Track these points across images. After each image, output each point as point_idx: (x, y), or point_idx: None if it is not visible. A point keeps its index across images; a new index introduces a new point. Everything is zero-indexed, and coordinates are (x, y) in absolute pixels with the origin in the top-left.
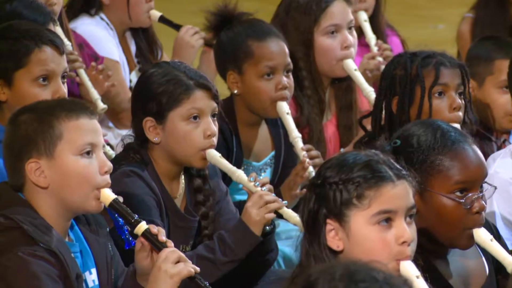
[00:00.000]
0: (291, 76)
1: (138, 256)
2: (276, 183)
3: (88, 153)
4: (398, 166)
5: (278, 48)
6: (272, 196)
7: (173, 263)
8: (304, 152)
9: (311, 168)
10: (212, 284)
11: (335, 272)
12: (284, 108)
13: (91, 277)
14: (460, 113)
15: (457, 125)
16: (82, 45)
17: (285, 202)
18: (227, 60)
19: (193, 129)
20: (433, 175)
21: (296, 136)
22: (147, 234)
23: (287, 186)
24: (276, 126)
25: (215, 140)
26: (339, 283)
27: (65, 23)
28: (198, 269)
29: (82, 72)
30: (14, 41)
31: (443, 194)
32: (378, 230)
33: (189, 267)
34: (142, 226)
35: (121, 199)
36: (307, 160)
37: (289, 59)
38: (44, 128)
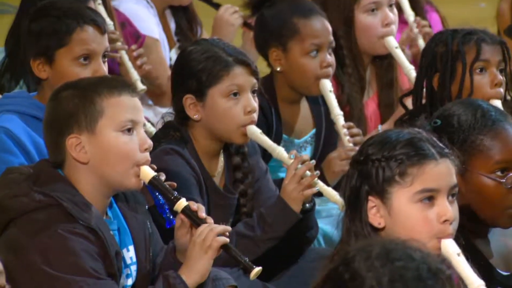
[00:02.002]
0: (333, 54)
1: (178, 233)
2: (317, 161)
3: (129, 130)
4: (441, 145)
5: (323, 26)
6: (304, 168)
7: (205, 237)
8: (345, 130)
9: (351, 146)
10: (251, 262)
11: (372, 251)
12: (327, 86)
13: (129, 254)
14: (501, 90)
15: (498, 102)
16: (124, 23)
17: (317, 172)
18: (270, 37)
19: (233, 106)
20: (473, 155)
21: (338, 113)
22: (186, 211)
23: (328, 164)
24: (317, 103)
25: (255, 116)
26: (376, 261)
27: (108, 2)
28: (228, 229)
29: (123, 52)
30: (57, 19)
31: (484, 174)
32: (420, 208)
33: (220, 238)
34: (182, 203)
35: (163, 176)
36: (348, 137)
37: (332, 37)
38: (85, 104)
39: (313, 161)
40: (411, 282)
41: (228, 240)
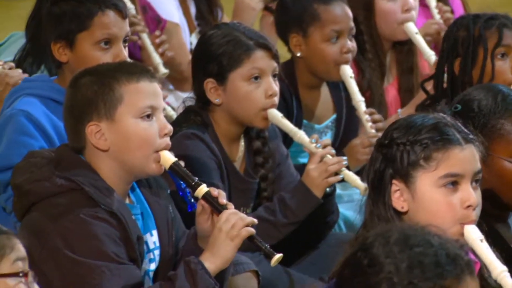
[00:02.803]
0: (353, 40)
1: (198, 219)
2: (338, 146)
3: (148, 116)
4: (466, 130)
5: (343, 12)
6: (333, 158)
7: (233, 225)
8: (367, 116)
9: (374, 132)
10: (272, 246)
11: (391, 236)
12: (348, 72)
13: (152, 238)
14: None
15: None
16: (145, 7)
17: (344, 158)
18: (290, 22)
19: (255, 89)
20: (494, 139)
21: (359, 99)
22: (207, 196)
23: (350, 152)
24: (338, 88)
25: (276, 99)
26: (394, 247)
27: None
28: (255, 222)
29: (144, 36)
30: (78, 3)
31: (505, 158)
32: (444, 193)
33: (250, 228)
34: (203, 188)
35: (182, 163)
36: (370, 124)
37: (353, 23)
38: (104, 91)
39: (334, 151)
40: (430, 268)
41: (254, 231)
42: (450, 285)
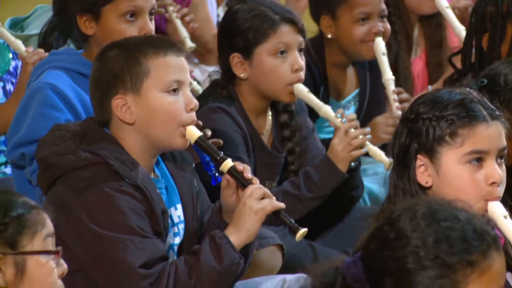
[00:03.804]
0: (386, 21)
1: (223, 193)
2: (362, 121)
3: (174, 90)
4: (492, 107)
5: None
6: (356, 131)
7: (258, 199)
8: (395, 96)
9: (399, 113)
10: (297, 221)
11: (418, 210)
12: (381, 48)
13: (177, 212)
14: None
15: None
16: None
17: (368, 130)
18: (321, 5)
19: (280, 64)
20: None
21: (389, 78)
22: (232, 171)
23: (373, 129)
24: (362, 62)
25: (302, 74)
26: (421, 221)
27: None
28: (283, 205)
29: (171, 9)
30: None
31: None
32: (468, 169)
33: (274, 203)
34: (228, 163)
35: (209, 132)
36: (397, 104)
37: (383, 5)
38: (131, 65)
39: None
40: (456, 243)
41: (283, 205)
42: (476, 260)
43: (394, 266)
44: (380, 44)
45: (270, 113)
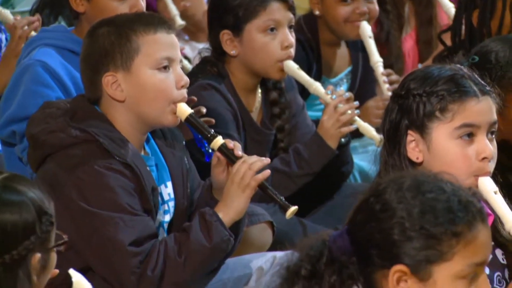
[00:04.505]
0: (374, 1)
1: (214, 171)
2: (354, 99)
3: (165, 67)
4: (482, 82)
5: None
6: (344, 106)
7: (244, 176)
8: (384, 78)
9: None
10: (287, 198)
11: (403, 182)
12: (367, 31)
13: (167, 190)
14: None
15: None
16: None
17: (356, 103)
18: None
19: (271, 41)
20: (511, 91)
21: (377, 60)
22: (223, 148)
23: (365, 112)
24: (355, 42)
25: (292, 51)
26: (407, 193)
27: None
28: (267, 173)
29: None
30: None
31: None
32: (459, 144)
33: (257, 177)
34: (219, 140)
35: (204, 109)
36: (387, 86)
37: None
38: (121, 42)
39: (350, 94)
40: (442, 214)
41: (267, 174)
42: (462, 231)
43: (380, 238)
44: (365, 28)
45: (259, 90)
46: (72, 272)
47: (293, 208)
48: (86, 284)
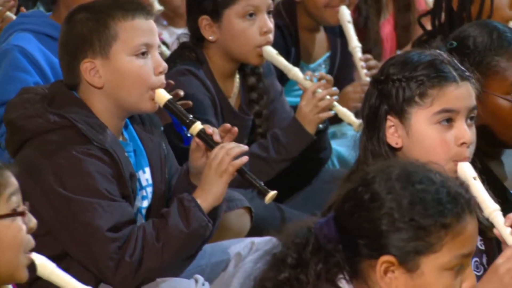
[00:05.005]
0: None
1: (192, 156)
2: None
3: (143, 53)
4: (462, 67)
5: None
6: (322, 92)
7: (222, 161)
8: (363, 63)
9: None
10: (265, 184)
11: (392, 172)
12: (346, 16)
13: (145, 176)
14: None
15: None
16: None
17: (335, 89)
18: None
19: (249, 26)
20: (489, 76)
21: (356, 45)
22: (202, 134)
23: (343, 98)
24: (333, 28)
25: (271, 36)
26: (396, 183)
27: None
28: (245, 159)
29: None
30: None
31: (500, 95)
32: (438, 129)
33: (234, 162)
34: (197, 126)
35: (181, 92)
36: (366, 71)
37: None
38: (99, 28)
39: (330, 76)
40: (431, 205)
41: (245, 160)
42: (451, 223)
43: (368, 228)
44: (345, 13)
45: (237, 76)
46: (34, 255)
47: (272, 193)
48: (50, 264)
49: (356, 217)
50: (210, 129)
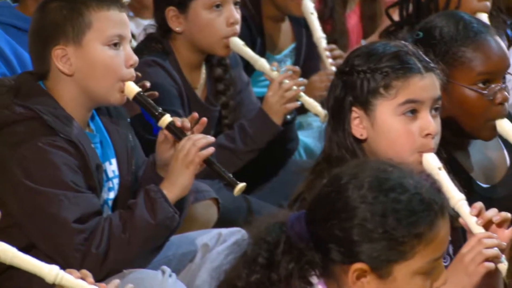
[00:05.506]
0: None
1: (160, 148)
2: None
3: (115, 44)
4: (426, 59)
5: None
6: (289, 82)
7: (187, 152)
8: (327, 53)
9: (333, 69)
10: (233, 175)
11: (365, 179)
12: (309, 8)
13: (111, 167)
14: (488, 3)
15: (485, 15)
16: None
17: (301, 80)
18: None
19: (216, 17)
20: (456, 67)
21: (320, 36)
22: (171, 127)
23: (309, 87)
24: (298, 18)
25: (238, 28)
26: (368, 192)
27: None
28: (211, 150)
29: None
30: None
31: (466, 86)
32: (403, 121)
33: (201, 153)
34: (167, 118)
35: (148, 83)
36: (330, 60)
37: None
38: (73, 16)
39: (297, 67)
40: (404, 216)
41: (211, 151)
42: (423, 232)
43: (340, 236)
44: (307, 4)
45: (204, 67)
46: None
47: (241, 185)
48: (11, 248)
49: (328, 225)
50: (179, 122)
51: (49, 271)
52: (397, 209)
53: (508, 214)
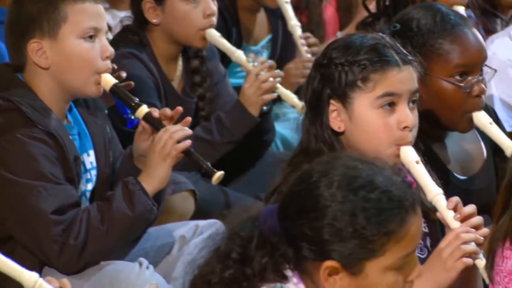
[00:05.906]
0: None
1: (138, 139)
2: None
3: (91, 37)
4: (404, 51)
5: None
6: (266, 74)
7: (164, 144)
8: (303, 41)
9: (309, 56)
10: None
11: (334, 178)
12: None
13: (89, 159)
14: None
15: (462, 8)
16: None
17: (278, 72)
18: None
19: (193, 9)
20: (433, 59)
21: (295, 24)
22: (148, 117)
23: (285, 75)
24: (274, 9)
25: (214, 19)
26: (338, 191)
27: None
28: (188, 143)
29: None
30: None
31: (443, 78)
32: (380, 114)
33: (178, 146)
34: (143, 109)
35: (124, 74)
36: (306, 48)
37: None
38: (49, 9)
39: (272, 61)
40: (373, 215)
41: (188, 144)
42: (394, 229)
43: (311, 235)
44: None
45: (181, 59)
46: None
47: (219, 173)
48: None
49: (299, 223)
50: (156, 113)
51: (28, 277)
52: (366, 207)
53: (482, 218)
